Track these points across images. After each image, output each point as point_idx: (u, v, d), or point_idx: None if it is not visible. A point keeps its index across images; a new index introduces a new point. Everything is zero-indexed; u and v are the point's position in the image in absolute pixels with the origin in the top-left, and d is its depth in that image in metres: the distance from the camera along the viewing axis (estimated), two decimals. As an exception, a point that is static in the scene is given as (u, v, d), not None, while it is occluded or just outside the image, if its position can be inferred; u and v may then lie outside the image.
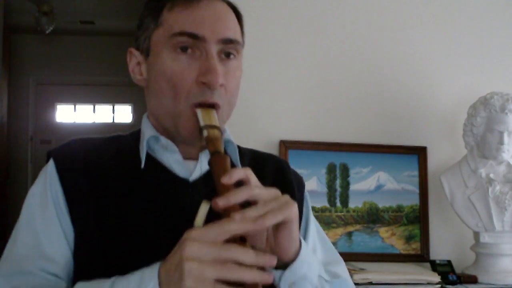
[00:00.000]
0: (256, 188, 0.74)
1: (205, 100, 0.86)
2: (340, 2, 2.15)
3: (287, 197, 0.76)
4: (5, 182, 5.01)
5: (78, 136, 1.00)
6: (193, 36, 0.86)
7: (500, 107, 1.83)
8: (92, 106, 5.98)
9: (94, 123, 5.93)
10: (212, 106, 0.87)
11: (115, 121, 5.97)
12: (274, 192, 0.76)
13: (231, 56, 0.90)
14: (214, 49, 0.87)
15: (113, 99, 5.92)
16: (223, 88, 0.88)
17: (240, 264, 0.65)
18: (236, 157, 0.97)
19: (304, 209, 1.02)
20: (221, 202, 0.70)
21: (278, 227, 0.75)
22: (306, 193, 1.05)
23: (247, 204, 0.73)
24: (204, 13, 0.87)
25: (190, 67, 0.87)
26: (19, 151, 5.43)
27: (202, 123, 0.85)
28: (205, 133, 0.83)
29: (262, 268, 0.68)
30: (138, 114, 5.76)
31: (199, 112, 0.86)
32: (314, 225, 1.02)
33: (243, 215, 0.69)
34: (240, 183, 0.75)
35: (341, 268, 0.99)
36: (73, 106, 5.96)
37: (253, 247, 0.74)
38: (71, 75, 5.67)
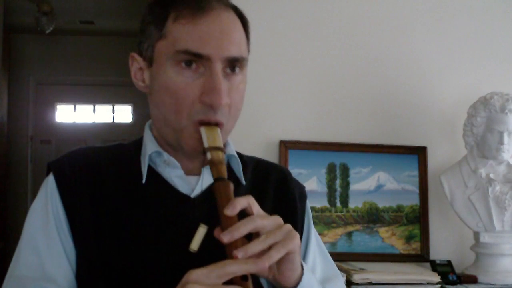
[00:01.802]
0: (258, 219, 0.75)
1: (208, 119, 0.85)
2: (340, 2, 2.15)
3: (289, 226, 0.77)
4: (5, 182, 5.01)
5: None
6: (198, 56, 0.84)
7: (500, 107, 1.83)
8: (92, 106, 5.97)
9: (94, 123, 5.92)
10: (216, 124, 0.86)
11: (115, 121, 5.96)
12: (276, 220, 0.77)
13: (236, 70, 0.88)
14: (218, 67, 0.85)
15: (113, 99, 5.90)
16: (227, 106, 0.87)
17: None
18: (239, 171, 0.96)
19: (306, 221, 1.01)
20: (226, 238, 0.71)
21: (280, 258, 0.76)
22: (308, 205, 1.04)
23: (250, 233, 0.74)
24: (210, 28, 0.85)
25: (193, 83, 0.85)
26: (19, 151, 5.42)
27: (206, 144, 0.83)
28: (208, 155, 0.82)
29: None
30: (138, 114, 5.75)
31: (203, 131, 0.84)
32: (314, 237, 1.02)
33: (245, 251, 0.70)
34: (242, 210, 0.76)
35: (339, 284, 0.99)
36: (73, 106, 5.95)
37: (255, 278, 0.76)
38: (71, 75, 5.66)
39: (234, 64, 0.87)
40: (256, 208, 0.77)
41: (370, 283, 1.74)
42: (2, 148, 4.85)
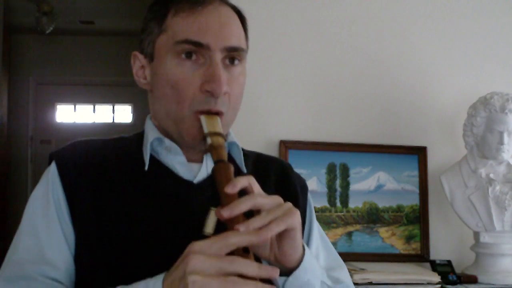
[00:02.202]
0: (259, 197, 0.75)
1: (209, 108, 0.86)
2: (340, 2, 2.15)
3: (289, 204, 0.77)
4: (5, 182, 5.01)
5: (80, 137, 0.99)
6: (198, 45, 0.86)
7: (500, 107, 1.83)
8: (92, 106, 5.97)
9: (94, 123, 5.92)
10: (216, 113, 0.87)
11: (115, 121, 5.96)
12: (277, 200, 0.77)
13: (235, 62, 0.89)
14: (218, 56, 0.86)
15: (113, 99, 5.91)
16: (227, 95, 0.88)
17: (243, 276, 0.66)
18: (240, 159, 0.97)
19: (308, 213, 1.02)
20: (226, 213, 0.71)
21: (281, 235, 0.76)
22: (310, 197, 1.05)
23: (250, 212, 0.74)
24: (209, 19, 0.87)
25: (194, 74, 0.86)
26: (19, 151, 5.42)
27: (205, 130, 0.85)
28: (208, 140, 0.84)
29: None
30: (138, 114, 5.75)
31: (203, 118, 0.86)
32: (317, 229, 1.02)
33: (247, 226, 0.70)
34: (243, 190, 0.76)
35: (344, 273, 0.99)
36: (73, 106, 5.96)
37: (257, 256, 0.76)
38: (71, 75, 5.67)
39: (233, 55, 0.89)
40: (256, 187, 0.78)
41: (370, 283, 1.75)
42: (2, 148, 4.85)
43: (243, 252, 0.70)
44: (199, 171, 0.93)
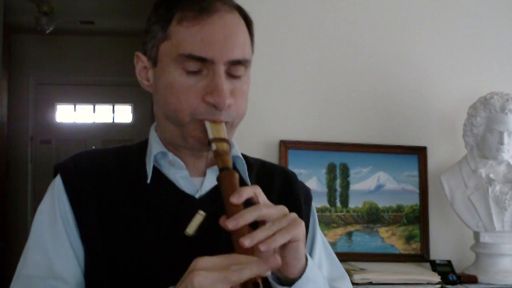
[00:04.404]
0: (264, 208, 0.75)
1: (212, 119, 0.85)
2: (340, 2, 2.15)
3: (294, 215, 0.77)
4: (5, 182, 5.01)
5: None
6: (201, 60, 0.85)
7: (500, 107, 1.83)
8: (92, 106, 5.98)
9: (94, 123, 5.93)
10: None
11: (115, 121, 5.97)
12: (282, 210, 0.77)
13: (239, 71, 0.88)
14: (221, 69, 0.85)
15: (113, 99, 5.92)
16: (231, 107, 0.87)
17: None
18: (245, 173, 0.96)
19: (311, 223, 1.02)
20: (231, 224, 0.71)
21: (285, 246, 0.76)
22: (313, 206, 1.05)
23: (255, 221, 0.74)
24: (213, 31, 0.85)
25: (197, 84, 0.85)
26: (19, 151, 5.43)
27: (210, 136, 0.84)
28: (213, 146, 0.83)
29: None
30: (138, 114, 5.76)
31: (207, 124, 0.85)
32: (320, 239, 1.02)
33: (251, 239, 0.70)
34: (248, 200, 0.76)
35: (346, 284, 0.99)
36: (73, 106, 5.96)
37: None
38: (71, 75, 5.67)
39: (237, 65, 0.87)
40: (262, 197, 0.77)
41: (370, 283, 1.75)
42: (2, 148, 4.85)
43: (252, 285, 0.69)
44: (201, 185, 0.93)
